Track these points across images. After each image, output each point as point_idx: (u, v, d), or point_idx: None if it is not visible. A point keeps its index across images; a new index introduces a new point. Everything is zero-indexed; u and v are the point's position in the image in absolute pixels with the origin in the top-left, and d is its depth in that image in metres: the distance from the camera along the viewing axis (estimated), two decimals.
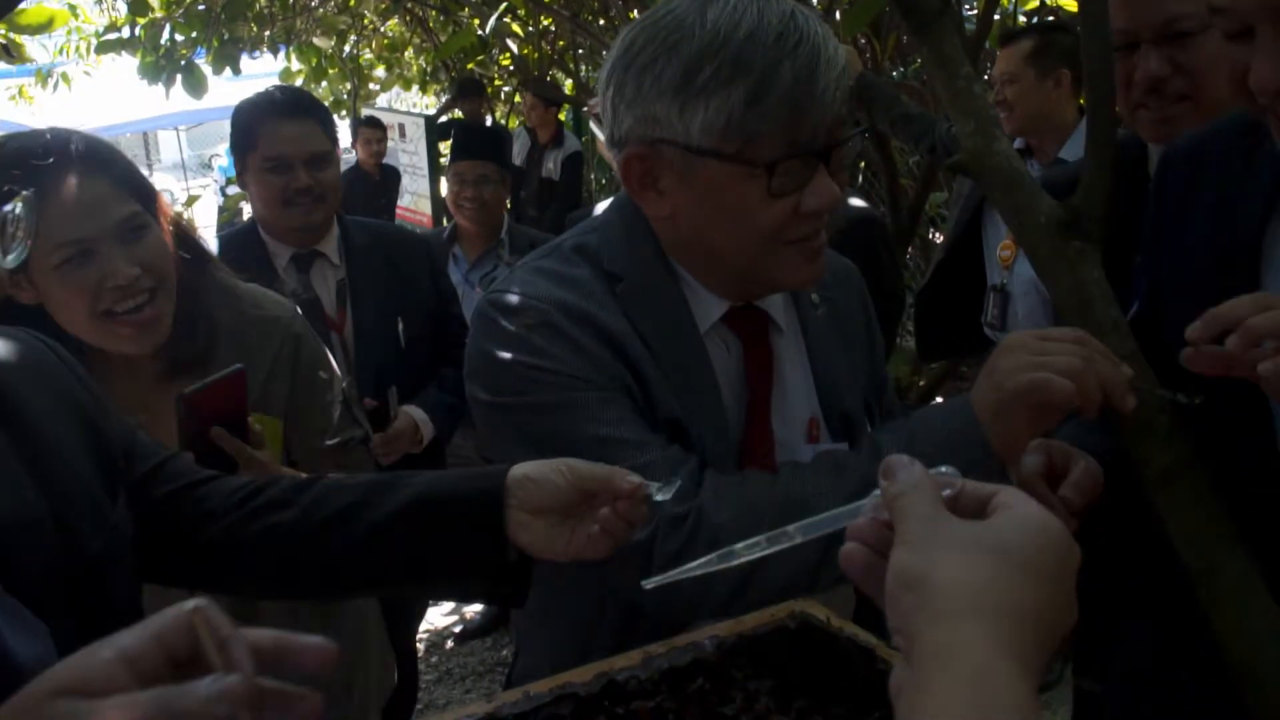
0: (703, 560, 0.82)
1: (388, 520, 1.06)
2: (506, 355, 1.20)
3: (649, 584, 0.86)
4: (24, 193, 0.86)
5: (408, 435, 2.51)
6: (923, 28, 1.44)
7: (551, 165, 7.16)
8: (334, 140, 2.48)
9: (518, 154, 7.24)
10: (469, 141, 3.71)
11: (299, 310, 1.78)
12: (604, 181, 8.92)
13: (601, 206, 2.95)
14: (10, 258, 0.85)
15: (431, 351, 2.66)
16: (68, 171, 1.41)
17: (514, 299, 1.23)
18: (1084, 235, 1.19)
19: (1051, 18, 5.17)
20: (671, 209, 1.19)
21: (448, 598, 3.89)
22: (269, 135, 2.36)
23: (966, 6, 5.31)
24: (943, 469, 0.73)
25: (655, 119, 1.13)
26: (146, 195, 1.52)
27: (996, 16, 4.82)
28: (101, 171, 1.46)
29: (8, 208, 0.82)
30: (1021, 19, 5.51)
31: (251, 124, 2.39)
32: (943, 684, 0.61)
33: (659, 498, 1.03)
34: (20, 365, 0.99)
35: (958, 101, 1.39)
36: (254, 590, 0.78)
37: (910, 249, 5.40)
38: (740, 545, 0.80)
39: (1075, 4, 4.61)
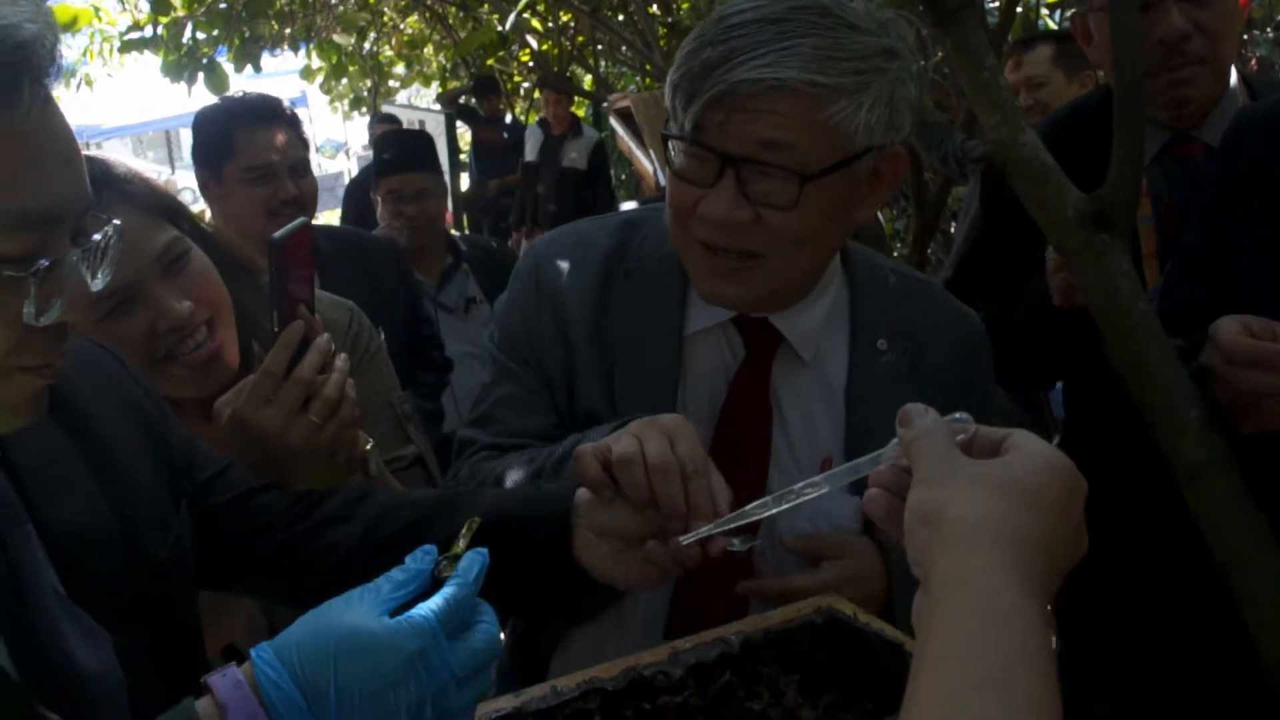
0: (753, 506, 0.92)
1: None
2: (505, 292, 1.36)
3: (685, 540, 0.97)
4: (114, 221, 0.85)
5: None
6: (946, 20, 1.43)
7: (575, 155, 7.17)
8: (307, 147, 2.39)
9: (531, 150, 7.27)
10: (402, 152, 3.20)
11: (360, 313, 1.65)
12: (623, 177, 8.92)
13: (627, 205, 2.95)
14: (97, 281, 0.84)
15: (409, 357, 2.59)
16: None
17: (534, 244, 1.38)
18: (1111, 228, 1.18)
19: (1074, 10, 5.14)
20: None
21: (506, 613, 3.88)
22: (247, 143, 2.24)
23: (990, 1, 5.27)
24: (956, 415, 0.79)
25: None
26: (174, 212, 1.34)
27: (1019, 10, 4.79)
28: (124, 201, 1.25)
29: (97, 236, 0.82)
30: (1044, 11, 5.47)
31: (226, 131, 2.25)
32: (956, 607, 0.65)
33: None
34: (86, 374, 0.99)
35: (983, 93, 1.38)
36: (314, 603, 0.79)
37: (931, 244, 5.37)
38: (767, 499, 0.90)
39: None
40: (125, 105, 11.53)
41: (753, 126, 1.07)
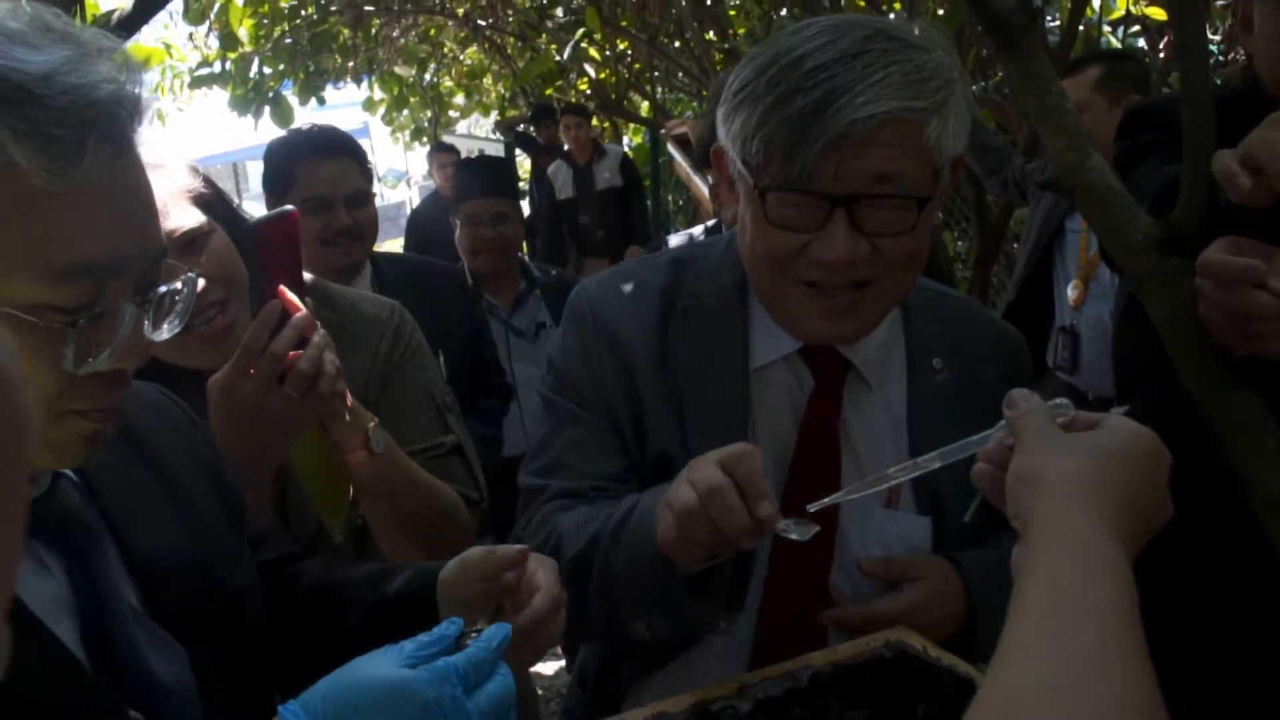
0: (862, 482, 1.02)
1: (364, 625, 1.09)
2: (558, 337, 1.35)
3: (812, 507, 1.02)
4: (189, 273, 0.90)
5: None
6: (1010, 44, 1.42)
7: (608, 174, 7.19)
8: (370, 179, 2.47)
9: (561, 188, 7.29)
10: (479, 178, 3.27)
11: (402, 308, 1.71)
12: (680, 203, 8.95)
13: (675, 239, 2.96)
14: (161, 332, 0.88)
15: (470, 382, 2.63)
16: None
17: (585, 284, 1.36)
18: (1183, 252, 1.16)
19: (1137, 26, 5.06)
20: (733, 215, 1.22)
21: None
22: (307, 175, 2.33)
23: (1049, 18, 5.22)
24: (1058, 401, 0.88)
25: (721, 121, 1.16)
26: (208, 200, 1.42)
27: (1080, 28, 4.74)
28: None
29: (171, 285, 0.86)
30: (1106, 29, 5.40)
31: (288, 164, 2.36)
32: (1050, 551, 0.73)
33: (794, 536, 1.03)
34: (155, 415, 1.05)
35: (1049, 118, 1.37)
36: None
37: (996, 265, 5.31)
38: (892, 469, 0.99)
39: (1162, 12, 4.51)
40: (194, 138, 11.84)
41: (863, 163, 1.06)
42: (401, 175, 16.69)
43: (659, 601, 1.11)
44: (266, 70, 6.98)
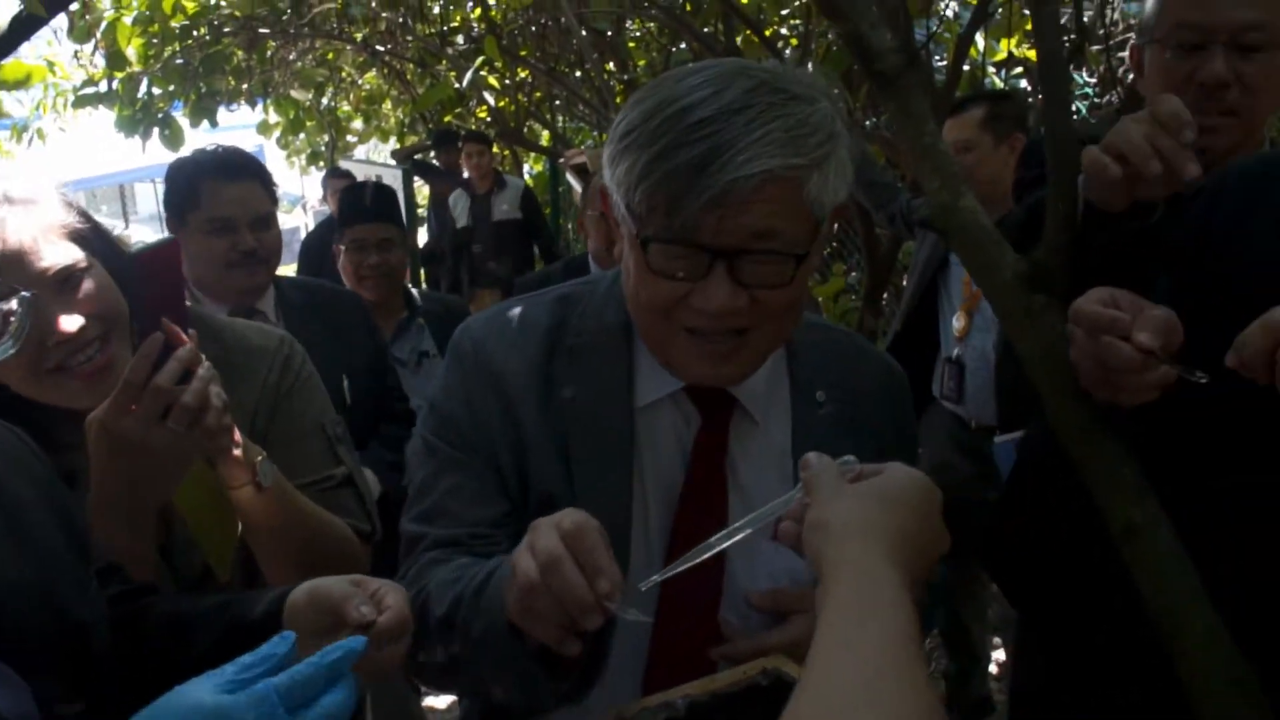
0: (688, 555, 1.05)
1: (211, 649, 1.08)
2: (439, 377, 1.34)
3: (644, 585, 1.04)
4: (23, 292, 0.87)
5: None
6: (888, 85, 1.46)
7: (506, 206, 7.20)
8: (275, 201, 2.46)
9: (460, 215, 7.29)
10: (365, 203, 3.23)
11: (291, 338, 1.67)
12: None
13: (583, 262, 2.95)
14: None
15: (374, 408, 2.64)
16: None
17: (469, 323, 1.35)
18: (1047, 289, 1.21)
19: (1019, 68, 5.27)
20: (620, 255, 1.22)
21: None
22: (212, 196, 2.32)
23: (936, 58, 5.40)
24: (846, 458, 1.01)
25: (606, 162, 1.16)
26: (83, 235, 1.39)
27: (966, 67, 4.91)
28: (25, 219, 1.31)
29: (4, 305, 0.83)
30: (990, 69, 5.61)
31: (192, 184, 2.34)
32: (839, 586, 0.84)
33: (630, 618, 1.03)
34: None
35: (925, 158, 1.41)
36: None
37: (885, 295, 5.45)
38: (713, 539, 1.05)
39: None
40: (78, 159, 11.45)
41: (744, 219, 1.07)
42: (297, 200, 16.38)
43: (511, 671, 1.11)
44: (156, 91, 6.80)
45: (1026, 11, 4.95)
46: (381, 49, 7.86)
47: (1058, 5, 1.27)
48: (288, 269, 7.75)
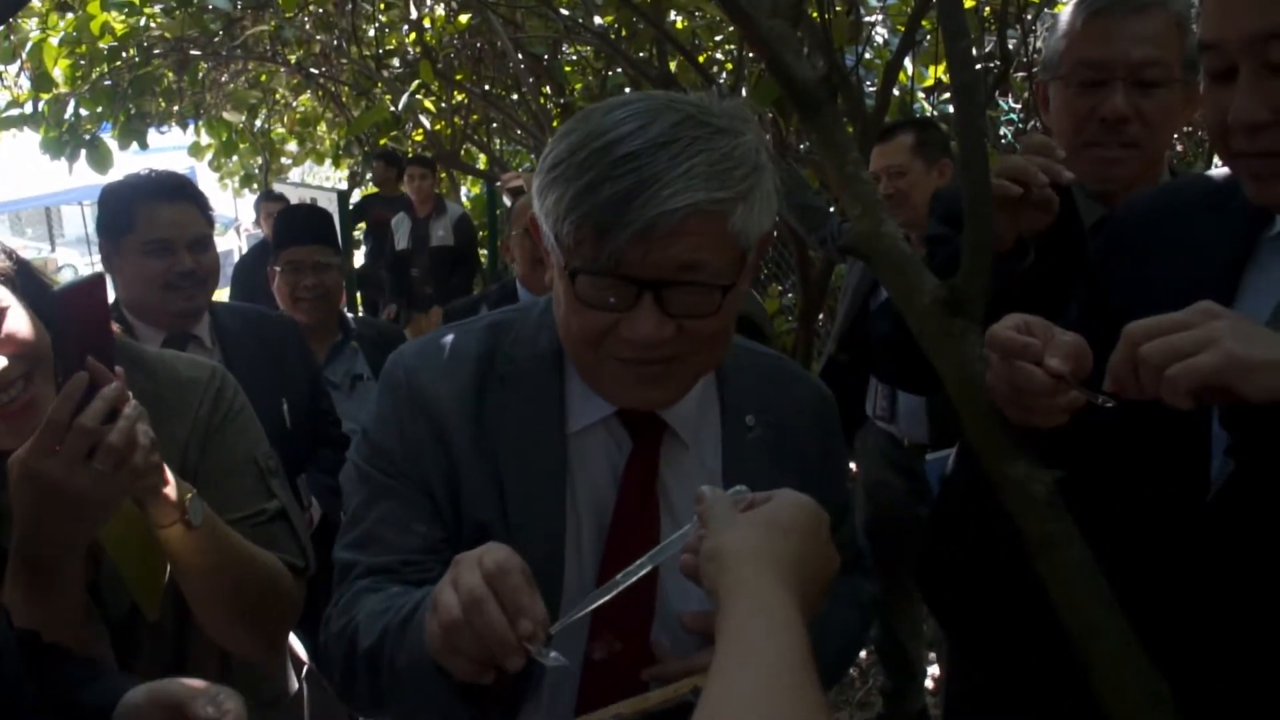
0: (592, 595, 1.10)
1: None
2: (372, 405, 1.33)
3: (554, 628, 1.05)
4: None
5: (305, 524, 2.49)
6: (812, 115, 1.50)
7: (443, 233, 7.21)
8: (211, 224, 2.46)
9: (401, 238, 7.27)
10: (300, 225, 3.25)
11: (223, 370, 1.64)
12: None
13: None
14: None
15: (311, 432, 2.64)
16: None
17: (401, 351, 1.35)
18: (966, 314, 1.25)
19: (947, 94, 5.40)
20: (550, 283, 1.23)
21: None
22: (148, 218, 2.31)
23: (868, 83, 5.51)
24: (738, 488, 1.06)
25: (535, 193, 1.18)
26: (7, 275, 1.37)
27: (895, 93, 5.02)
28: None
29: None
30: (920, 94, 5.74)
31: (128, 206, 2.33)
32: (733, 611, 0.88)
33: (552, 664, 1.03)
34: None
35: (847, 186, 1.45)
36: None
37: (820, 316, 5.53)
38: (619, 576, 1.09)
39: None
40: (4, 181, 11.20)
41: (671, 252, 1.09)
42: (230, 222, 16.16)
43: (435, 704, 1.11)
44: (83, 112, 6.68)
45: None
46: (316, 71, 7.81)
47: (970, 40, 1.31)
48: (222, 292, 7.66)
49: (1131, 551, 1.17)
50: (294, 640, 1.97)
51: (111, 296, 2.49)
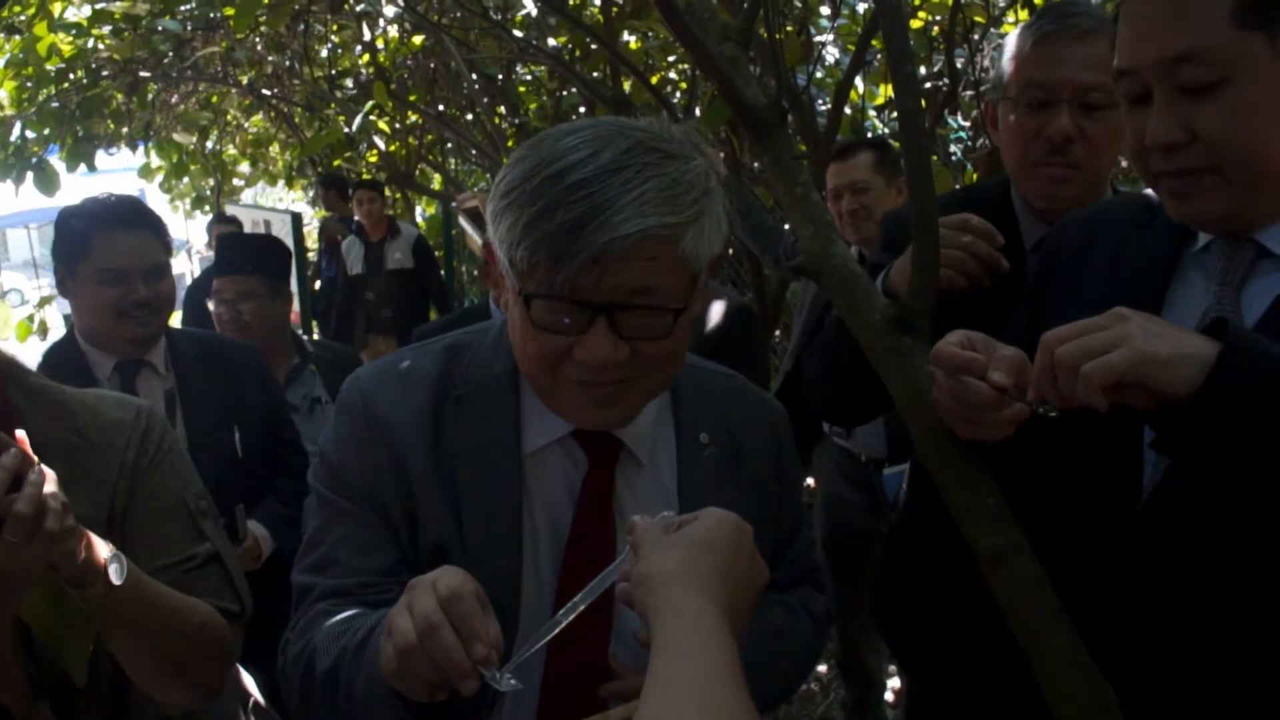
0: (541, 633, 1.10)
1: None
2: (329, 428, 1.34)
3: (506, 669, 1.05)
4: None
5: (250, 554, 2.46)
6: (763, 137, 1.54)
7: (400, 255, 7.17)
8: (169, 250, 2.46)
9: (353, 262, 7.23)
10: (227, 254, 3.24)
11: (149, 408, 1.55)
12: (474, 274, 8.94)
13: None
14: None
15: (268, 461, 2.62)
16: None
17: (358, 374, 1.35)
18: (913, 331, 1.28)
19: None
20: (505, 306, 1.25)
21: None
22: (105, 246, 2.30)
23: (820, 102, 5.58)
24: (665, 513, 1.08)
25: (489, 219, 1.19)
26: None
27: (848, 111, 5.09)
28: None
29: None
30: (872, 113, 5.82)
31: (85, 233, 2.32)
32: (663, 631, 0.91)
33: (506, 688, 1.04)
34: None
35: (797, 207, 1.48)
36: None
37: (777, 332, 5.58)
38: (560, 612, 1.10)
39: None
40: None
41: (623, 277, 1.11)
42: (182, 245, 15.96)
43: None
44: (30, 135, 6.60)
45: None
46: (268, 92, 7.76)
47: (914, 66, 1.35)
48: (174, 315, 7.58)
49: (1076, 560, 1.20)
50: (245, 675, 1.95)
51: (60, 326, 2.48)
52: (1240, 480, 1.03)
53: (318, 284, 8.11)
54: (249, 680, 1.94)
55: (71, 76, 6.48)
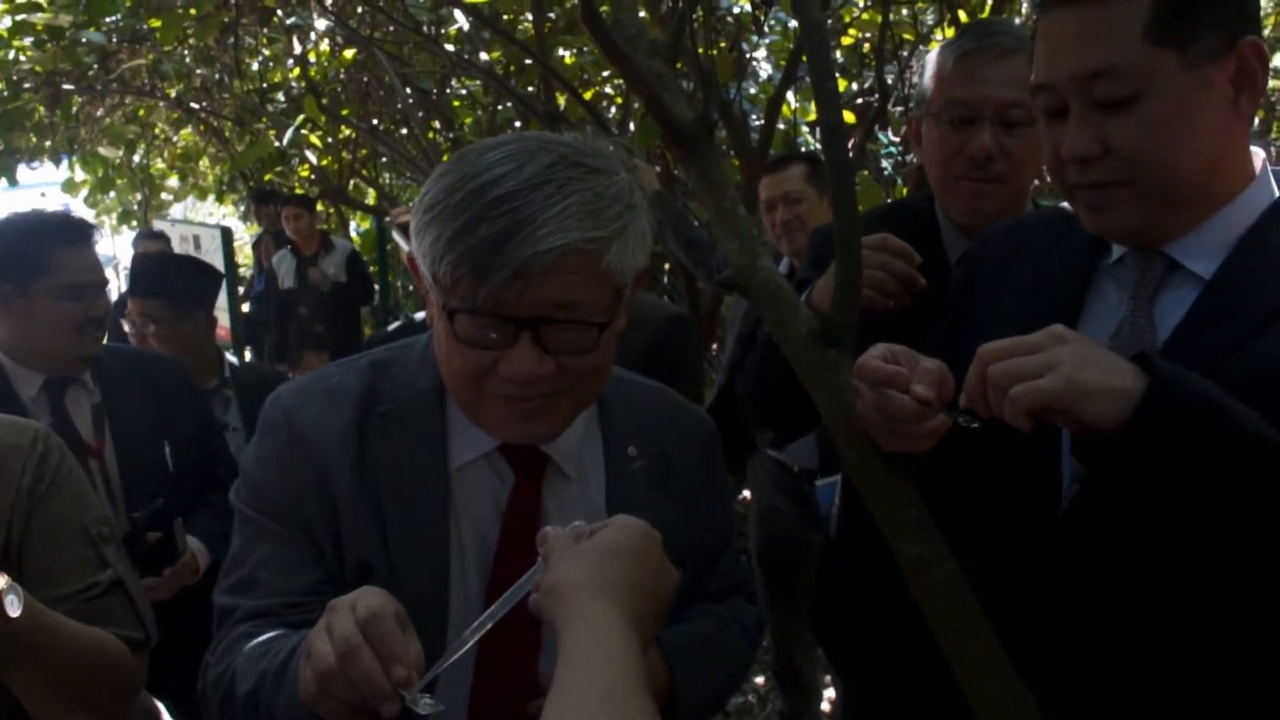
0: (451, 649, 1.09)
1: None
2: (251, 447, 1.33)
3: (419, 685, 1.03)
4: None
5: (189, 568, 2.43)
6: (689, 153, 1.55)
7: (333, 270, 7.10)
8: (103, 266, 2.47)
9: (284, 276, 7.15)
10: (135, 276, 3.25)
11: (46, 431, 1.48)
12: (410, 289, 8.88)
13: (418, 316, 2.94)
14: None
15: (199, 475, 2.60)
16: None
17: (280, 391, 1.34)
18: (838, 345, 1.30)
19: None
20: (430, 320, 1.24)
21: None
22: (65, 262, 2.29)
23: (753, 118, 5.64)
24: (576, 523, 1.08)
25: (413, 234, 1.18)
26: None
27: (780, 126, 5.15)
28: None
29: None
30: (804, 129, 5.89)
31: (41, 249, 2.29)
32: (569, 639, 0.92)
33: (427, 711, 1.02)
34: None
35: (724, 221, 1.50)
36: None
37: (715, 346, 5.61)
38: (467, 631, 1.09)
39: (852, 116, 4.98)
40: None
41: (546, 291, 1.10)
42: (109, 260, 15.61)
43: None
44: None
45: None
46: (197, 106, 7.65)
47: (836, 82, 1.37)
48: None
49: (997, 569, 1.22)
50: (155, 703, 1.90)
51: None
52: (1156, 493, 1.06)
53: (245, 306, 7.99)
54: (160, 708, 1.89)
55: None
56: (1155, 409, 1.01)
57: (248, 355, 7.70)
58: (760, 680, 4.27)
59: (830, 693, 4.04)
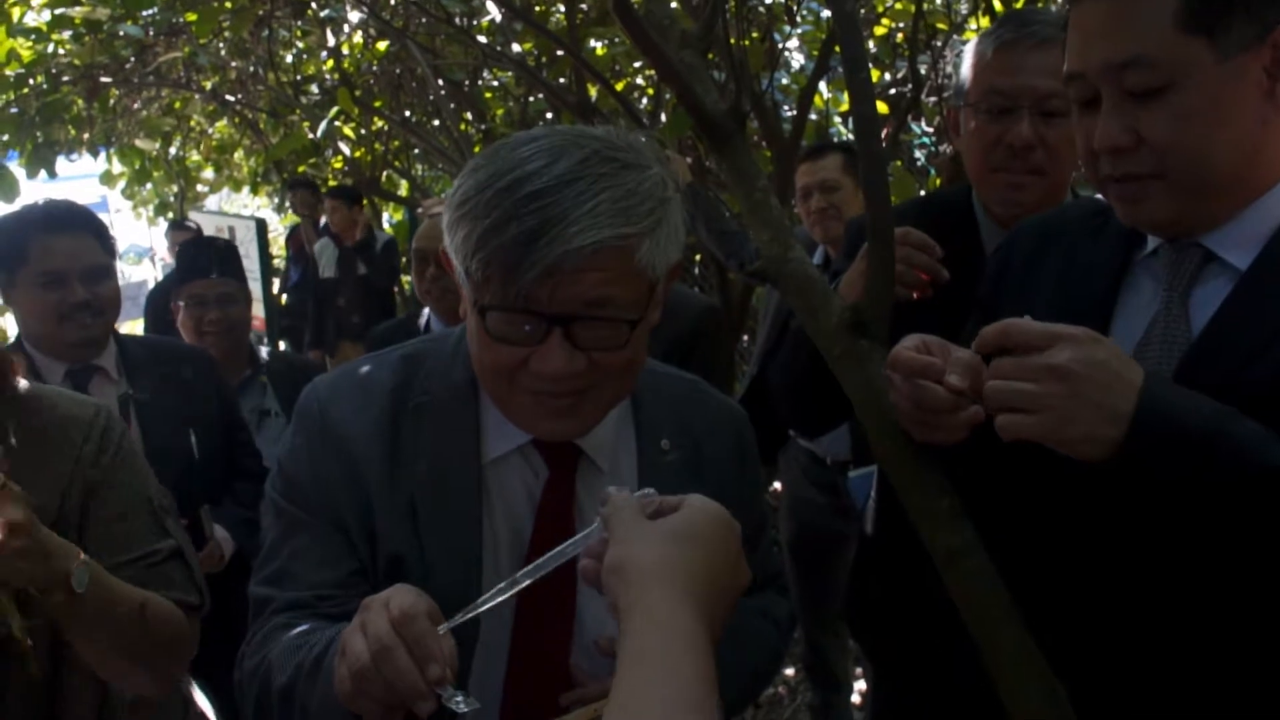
0: (493, 592, 1.08)
1: None
2: (285, 439, 1.33)
3: (442, 629, 1.04)
4: None
5: (214, 556, 2.46)
6: (721, 144, 1.55)
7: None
8: (112, 253, 2.44)
9: (325, 266, 7.21)
10: (204, 258, 3.19)
11: (107, 408, 1.56)
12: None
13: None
14: None
15: (225, 464, 2.63)
16: None
17: (315, 384, 1.34)
18: (869, 334, 1.30)
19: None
20: (463, 315, 1.24)
21: None
22: (42, 250, 2.30)
23: (785, 108, 5.61)
24: (645, 490, 1.01)
25: (445, 229, 1.18)
26: None
27: (813, 117, 5.12)
28: None
29: None
30: (836, 119, 5.86)
31: (21, 239, 2.32)
32: (636, 633, 0.84)
33: (463, 709, 1.02)
34: None
35: (756, 212, 1.50)
36: None
37: (745, 337, 5.60)
38: (520, 573, 1.08)
39: (885, 106, 4.95)
40: None
41: (578, 288, 1.10)
42: (145, 252, 15.77)
43: None
44: None
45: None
46: (232, 98, 7.70)
47: (869, 72, 1.37)
48: (137, 324, 7.50)
49: (1029, 559, 1.22)
50: (197, 692, 1.94)
51: (14, 329, 2.48)
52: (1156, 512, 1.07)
53: (284, 296, 8.06)
54: (201, 698, 1.93)
55: (31, 82, 6.41)
56: (1136, 452, 1.04)
57: (281, 346, 7.78)
58: (790, 672, 4.27)
59: (861, 684, 4.03)
